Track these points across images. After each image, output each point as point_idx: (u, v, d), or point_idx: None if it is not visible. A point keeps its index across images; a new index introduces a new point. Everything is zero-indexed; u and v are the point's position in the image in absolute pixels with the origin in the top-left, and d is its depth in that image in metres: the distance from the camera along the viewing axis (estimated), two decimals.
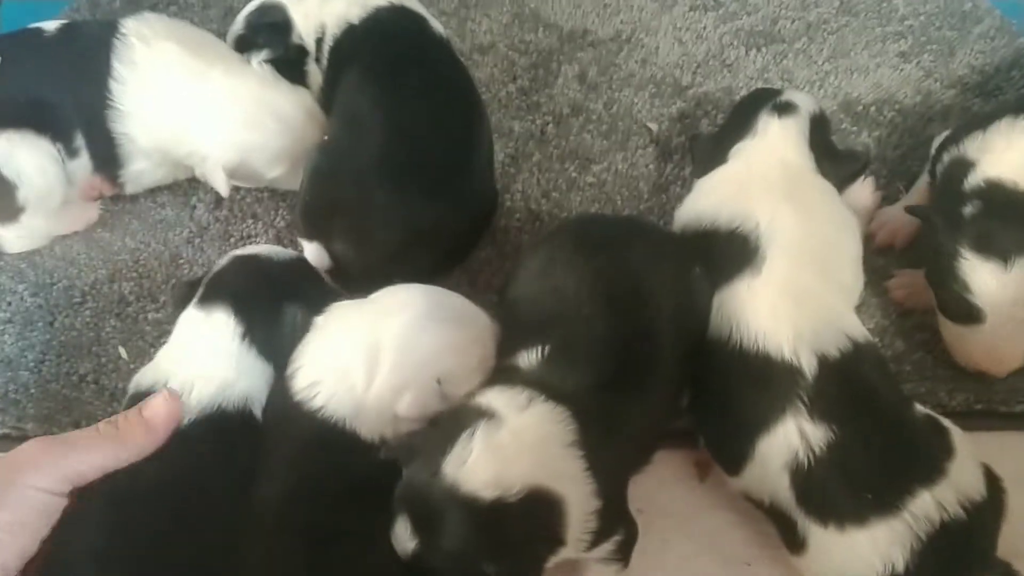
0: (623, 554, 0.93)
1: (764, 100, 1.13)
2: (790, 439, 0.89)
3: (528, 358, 0.91)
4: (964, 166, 1.07)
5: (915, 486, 0.86)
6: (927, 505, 0.85)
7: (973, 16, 1.45)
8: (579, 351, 0.91)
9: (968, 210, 1.03)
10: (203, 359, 0.96)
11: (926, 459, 0.88)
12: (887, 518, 0.85)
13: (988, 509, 0.89)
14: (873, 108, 1.34)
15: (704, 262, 0.99)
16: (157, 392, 0.90)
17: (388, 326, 0.94)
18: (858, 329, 0.95)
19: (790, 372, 0.90)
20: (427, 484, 0.80)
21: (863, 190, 1.21)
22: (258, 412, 0.96)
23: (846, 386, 0.90)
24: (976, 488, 0.89)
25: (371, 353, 0.92)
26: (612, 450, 0.88)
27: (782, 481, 0.89)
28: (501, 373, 0.93)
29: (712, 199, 1.05)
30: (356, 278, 1.15)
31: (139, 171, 1.30)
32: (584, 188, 1.30)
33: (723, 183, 1.06)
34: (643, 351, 0.94)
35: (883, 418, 0.90)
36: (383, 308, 0.96)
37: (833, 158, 1.09)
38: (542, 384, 0.88)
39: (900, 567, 0.85)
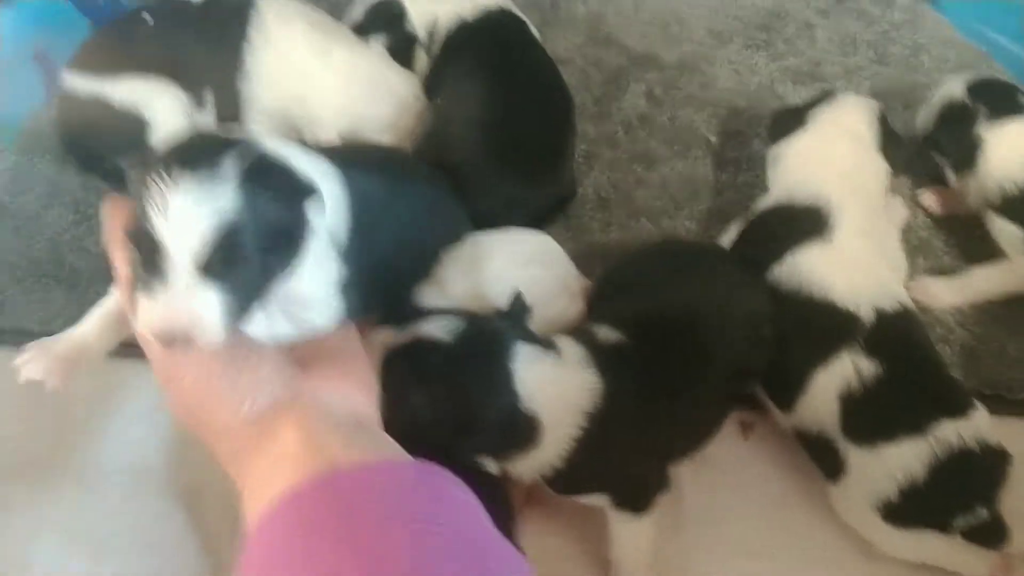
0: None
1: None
2: (845, 371, 1.05)
3: (605, 334, 1.04)
4: None
5: (942, 416, 1.02)
6: (949, 432, 1.01)
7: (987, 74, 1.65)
8: (646, 356, 1.03)
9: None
10: None
11: (954, 400, 1.05)
12: (914, 437, 1.01)
13: (998, 458, 1.05)
14: None
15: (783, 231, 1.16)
16: None
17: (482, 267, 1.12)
18: (908, 300, 1.13)
19: (851, 319, 1.07)
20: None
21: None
22: None
23: (897, 335, 1.07)
24: (991, 436, 1.05)
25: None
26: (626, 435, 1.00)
27: (832, 409, 1.05)
28: (578, 330, 1.06)
29: (789, 181, 1.22)
30: None
31: (256, 129, 1.44)
32: (649, 186, 1.46)
33: (798, 161, 1.24)
34: (698, 380, 1.06)
35: (923, 363, 1.08)
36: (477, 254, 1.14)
37: (894, 139, 1.28)
38: (601, 359, 1.00)
39: (918, 479, 1.01)
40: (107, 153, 1.38)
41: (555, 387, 0.96)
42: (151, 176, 0.69)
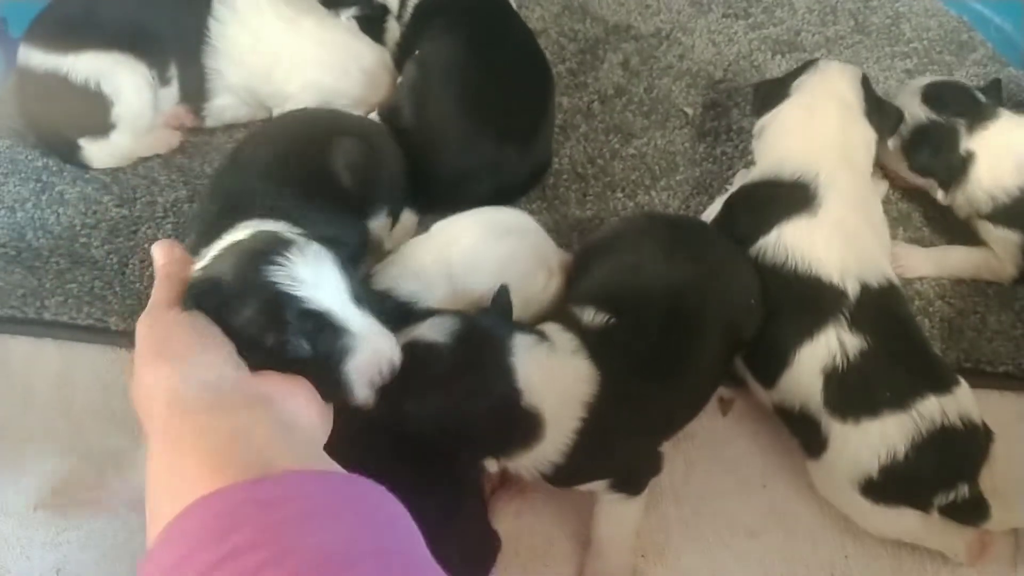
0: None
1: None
2: (830, 345, 1.03)
3: (592, 317, 1.01)
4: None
5: (926, 391, 1.01)
6: (933, 408, 1.00)
7: (969, 45, 1.63)
8: (636, 335, 1.00)
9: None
10: None
11: (938, 376, 1.04)
12: (898, 413, 1.00)
13: (980, 435, 1.04)
14: None
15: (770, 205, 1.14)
16: None
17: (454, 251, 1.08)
18: (892, 274, 1.11)
19: (836, 293, 1.05)
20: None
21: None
22: None
23: (881, 310, 1.06)
24: (974, 412, 1.04)
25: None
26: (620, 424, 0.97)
27: (816, 384, 1.04)
28: (563, 315, 1.03)
29: (776, 153, 1.19)
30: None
31: (222, 106, 1.41)
32: (626, 158, 1.44)
33: (785, 132, 1.21)
34: (691, 354, 1.04)
35: (909, 339, 1.06)
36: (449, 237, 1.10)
37: (880, 106, 1.25)
38: (593, 345, 0.97)
39: (900, 456, 1.00)
40: (69, 131, 1.35)
41: (553, 379, 0.93)
42: (270, 273, 0.78)
